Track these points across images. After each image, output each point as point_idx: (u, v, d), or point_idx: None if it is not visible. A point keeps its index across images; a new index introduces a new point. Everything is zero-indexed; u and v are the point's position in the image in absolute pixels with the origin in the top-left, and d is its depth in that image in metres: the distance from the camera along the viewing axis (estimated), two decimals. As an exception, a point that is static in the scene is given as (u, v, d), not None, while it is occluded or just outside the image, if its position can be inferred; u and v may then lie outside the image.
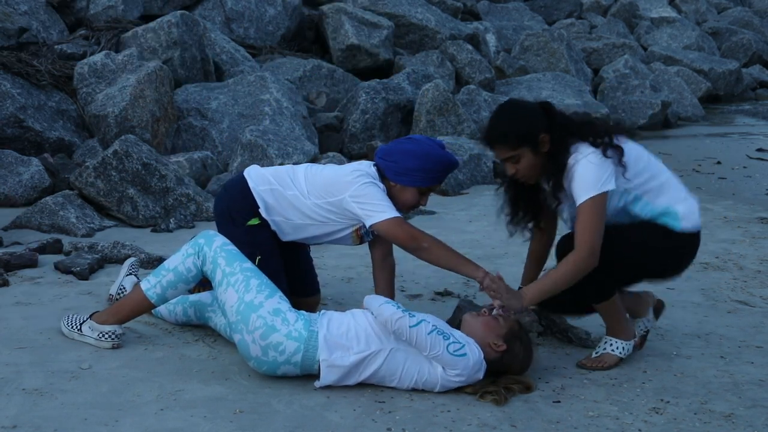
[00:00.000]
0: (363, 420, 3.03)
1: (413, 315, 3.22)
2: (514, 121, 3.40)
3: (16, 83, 7.07)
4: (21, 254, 4.61)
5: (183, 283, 3.46)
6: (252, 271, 3.39)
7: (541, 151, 3.39)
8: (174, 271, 3.44)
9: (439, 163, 3.62)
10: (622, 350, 3.62)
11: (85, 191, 5.79)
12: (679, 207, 3.50)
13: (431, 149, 3.62)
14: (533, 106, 3.49)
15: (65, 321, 3.60)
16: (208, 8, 9.71)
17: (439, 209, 6.70)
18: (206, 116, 7.60)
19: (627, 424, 3.14)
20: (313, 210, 3.67)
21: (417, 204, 3.70)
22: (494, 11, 14.53)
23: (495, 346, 3.33)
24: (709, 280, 5.03)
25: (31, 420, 2.91)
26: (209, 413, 3.02)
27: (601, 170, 3.32)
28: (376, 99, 8.53)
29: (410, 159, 3.59)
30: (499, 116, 3.46)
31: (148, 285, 3.47)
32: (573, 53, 12.61)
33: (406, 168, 3.59)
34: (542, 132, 3.37)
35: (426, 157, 3.59)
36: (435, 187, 3.70)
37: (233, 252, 3.43)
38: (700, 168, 9.03)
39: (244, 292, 3.30)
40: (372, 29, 10.12)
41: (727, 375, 3.63)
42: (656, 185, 3.50)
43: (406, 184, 3.62)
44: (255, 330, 3.23)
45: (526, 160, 3.40)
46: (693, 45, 15.84)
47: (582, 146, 3.37)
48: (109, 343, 3.51)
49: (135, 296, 3.52)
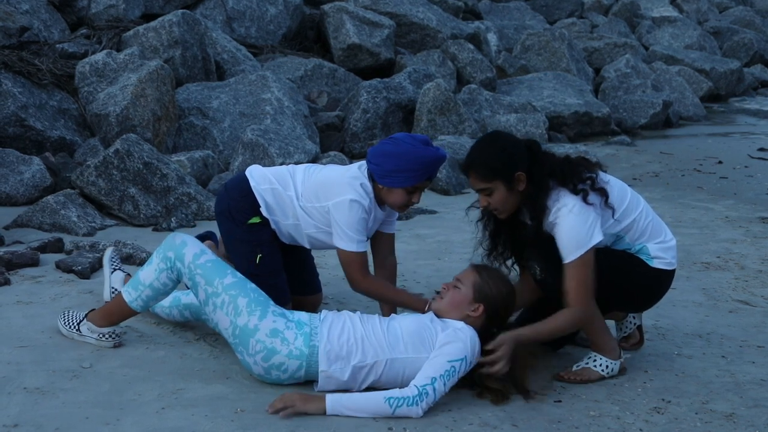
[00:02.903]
0: (364, 420, 3.03)
1: (420, 392, 3.08)
2: (492, 153, 3.33)
3: (18, 82, 7.06)
4: (22, 253, 4.61)
5: (163, 295, 3.42)
6: (235, 287, 3.27)
7: (515, 188, 3.33)
8: (150, 287, 3.38)
9: (420, 162, 3.53)
10: (606, 368, 3.51)
11: (86, 190, 5.79)
12: (653, 246, 3.47)
13: (412, 149, 3.53)
14: (517, 142, 3.41)
15: (62, 320, 3.58)
16: (209, 7, 9.71)
17: (440, 209, 6.70)
18: (207, 115, 7.60)
19: (628, 424, 3.14)
20: (303, 213, 3.66)
21: (407, 203, 3.64)
22: (495, 10, 14.53)
23: (474, 312, 3.30)
24: (711, 279, 5.03)
25: (33, 419, 2.91)
26: (210, 412, 3.02)
27: (585, 224, 3.26)
28: (377, 98, 8.53)
29: (391, 161, 3.53)
30: (479, 146, 3.41)
31: (131, 297, 3.41)
32: (574, 53, 12.60)
33: (389, 170, 3.53)
34: (519, 170, 3.31)
35: (406, 157, 3.52)
36: (424, 185, 3.62)
37: (208, 267, 3.30)
38: (702, 168, 9.02)
39: (235, 315, 3.23)
40: (373, 28, 10.12)
41: (728, 375, 3.63)
42: (637, 226, 3.45)
43: (391, 186, 3.57)
44: (256, 354, 3.21)
45: (499, 194, 3.33)
46: (694, 44, 15.84)
47: (563, 195, 3.29)
48: (110, 342, 3.51)
49: (121, 305, 3.46)
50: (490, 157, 3.32)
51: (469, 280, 3.34)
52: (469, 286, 3.32)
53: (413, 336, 3.21)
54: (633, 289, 3.53)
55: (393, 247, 3.89)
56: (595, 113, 10.65)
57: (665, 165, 9.09)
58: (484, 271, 3.38)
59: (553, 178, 3.33)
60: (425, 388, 3.08)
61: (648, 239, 3.48)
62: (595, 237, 3.27)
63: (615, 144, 10.14)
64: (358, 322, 3.28)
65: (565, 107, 10.54)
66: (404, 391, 3.08)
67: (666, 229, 3.58)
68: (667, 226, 3.61)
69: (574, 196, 3.29)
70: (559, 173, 3.34)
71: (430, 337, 3.21)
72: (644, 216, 3.48)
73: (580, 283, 3.27)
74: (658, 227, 3.52)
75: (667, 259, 3.50)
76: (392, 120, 8.60)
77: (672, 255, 3.53)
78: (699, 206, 7.17)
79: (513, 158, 3.32)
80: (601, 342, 3.51)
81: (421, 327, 3.24)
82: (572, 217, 3.26)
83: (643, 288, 3.54)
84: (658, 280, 3.53)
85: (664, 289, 3.61)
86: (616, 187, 3.45)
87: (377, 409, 3.04)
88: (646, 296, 3.61)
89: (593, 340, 3.54)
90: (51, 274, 4.48)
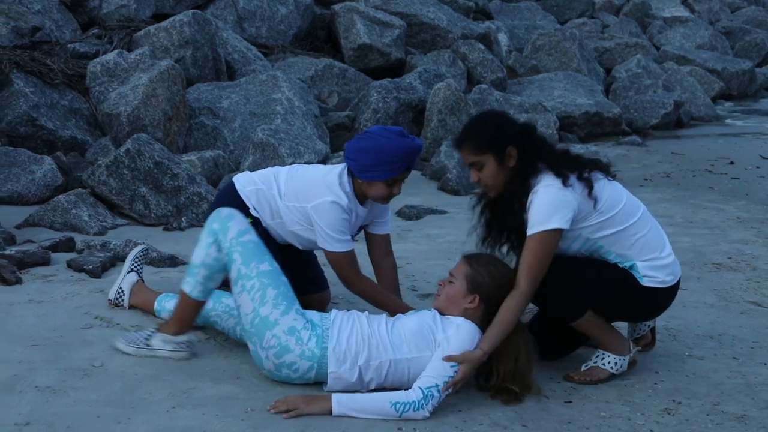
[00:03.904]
0: (374, 420, 3.03)
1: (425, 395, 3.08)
2: (485, 127, 3.35)
3: (30, 82, 7.09)
4: (34, 252, 4.62)
5: (218, 272, 3.33)
6: (269, 276, 3.28)
7: (506, 164, 3.31)
8: (204, 266, 3.32)
9: (395, 155, 3.53)
10: (614, 365, 3.49)
11: (97, 190, 5.80)
12: (642, 265, 3.38)
13: (388, 142, 3.54)
14: (512, 120, 3.42)
15: (125, 341, 3.48)
16: (220, 7, 9.73)
17: (450, 209, 6.70)
18: (218, 115, 7.61)
19: (639, 425, 3.13)
20: (286, 211, 3.69)
21: (388, 195, 3.64)
22: (506, 10, 14.51)
23: (471, 305, 3.29)
24: (722, 280, 5.01)
25: (44, 417, 2.92)
26: (221, 411, 3.03)
27: (555, 202, 3.21)
28: (387, 98, 8.53)
29: (368, 156, 3.55)
30: (474, 120, 3.44)
31: (189, 287, 3.35)
32: (585, 53, 12.57)
33: (367, 165, 3.55)
34: (511, 145, 3.30)
35: (382, 151, 3.53)
36: (403, 176, 3.62)
37: (249, 247, 3.29)
38: (713, 168, 8.99)
39: (260, 304, 3.23)
40: (384, 28, 10.12)
41: (739, 376, 3.62)
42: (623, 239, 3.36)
43: (371, 180, 3.58)
44: (269, 348, 3.21)
45: (489, 169, 3.32)
46: (706, 44, 15.78)
47: (546, 175, 3.27)
48: (185, 352, 3.43)
49: (185, 302, 3.40)
50: (484, 130, 3.34)
51: (461, 272, 3.33)
52: (461, 278, 3.32)
53: (416, 335, 3.22)
54: (627, 305, 3.45)
55: (389, 248, 3.89)
56: (606, 113, 10.63)
57: (676, 165, 9.06)
58: (474, 260, 3.37)
59: (543, 161, 3.31)
60: (430, 390, 3.08)
61: (638, 256, 3.37)
62: (562, 220, 3.21)
63: (626, 144, 10.11)
64: (365, 322, 3.29)
65: (576, 107, 10.52)
66: (409, 394, 3.08)
67: (665, 244, 3.46)
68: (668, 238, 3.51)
69: (556, 178, 3.26)
70: (549, 157, 3.32)
71: (432, 335, 3.21)
72: (636, 229, 3.37)
73: (533, 260, 3.22)
74: (652, 243, 3.41)
75: (659, 278, 3.39)
76: (402, 120, 8.60)
77: (667, 272, 3.41)
78: (710, 207, 7.14)
79: (505, 133, 3.32)
80: (606, 340, 3.50)
81: (422, 326, 3.25)
82: (546, 192, 3.23)
83: (639, 304, 3.46)
84: (653, 297, 3.43)
85: (662, 304, 3.53)
86: (612, 190, 3.37)
87: (383, 412, 3.05)
88: (641, 311, 3.54)
89: (598, 339, 3.52)
90: (62, 273, 4.49)
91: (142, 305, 3.87)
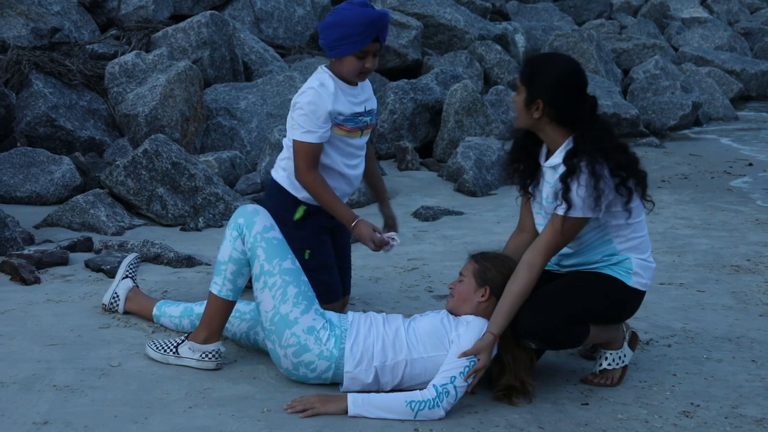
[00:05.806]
0: (390, 420, 3.03)
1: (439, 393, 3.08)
2: (546, 68, 3.29)
3: (49, 83, 7.14)
4: (52, 252, 4.65)
5: (246, 266, 3.31)
6: (291, 273, 3.28)
7: (531, 110, 3.26)
8: (231, 261, 3.30)
9: (359, 25, 3.55)
10: (619, 361, 3.48)
11: (115, 190, 5.83)
12: (636, 260, 3.38)
13: (350, 13, 3.58)
14: (573, 83, 3.28)
15: (152, 346, 3.45)
16: (237, 8, 9.75)
17: (467, 210, 6.68)
18: (235, 116, 7.63)
19: (656, 428, 3.11)
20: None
21: (361, 69, 3.66)
22: (523, 11, 14.47)
23: (482, 298, 3.31)
24: (740, 283, 4.98)
25: (62, 416, 2.94)
26: (237, 411, 3.04)
27: (596, 191, 3.18)
28: (404, 99, 8.52)
29: (334, 30, 3.60)
30: (552, 57, 3.47)
31: (218, 287, 3.32)
32: (603, 54, 12.52)
33: (333, 40, 3.60)
34: (541, 99, 3.24)
35: (343, 24, 3.57)
36: (373, 47, 3.62)
37: (273, 244, 3.29)
38: (732, 170, 8.94)
39: (281, 301, 3.23)
40: (400, 29, 10.12)
41: (758, 379, 3.59)
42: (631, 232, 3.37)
43: (341, 56, 3.63)
44: (288, 347, 3.22)
45: (519, 102, 3.31)
46: (725, 45, 15.67)
47: (595, 160, 3.20)
48: (213, 363, 3.37)
49: (213, 304, 3.36)
50: (541, 68, 3.29)
51: (469, 270, 3.37)
52: (470, 276, 3.35)
53: (430, 335, 3.24)
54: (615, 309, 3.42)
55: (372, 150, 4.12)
56: (624, 114, 10.58)
57: (694, 167, 9.01)
58: (480, 257, 3.41)
59: (576, 130, 3.27)
60: (445, 388, 3.09)
61: (635, 252, 3.38)
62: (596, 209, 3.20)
63: (644, 145, 10.06)
64: (381, 323, 3.30)
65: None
66: (424, 393, 3.08)
67: (650, 251, 3.48)
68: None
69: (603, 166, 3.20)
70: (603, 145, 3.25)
71: (446, 335, 3.23)
72: (641, 227, 3.41)
73: (556, 241, 3.24)
74: (646, 245, 3.44)
75: (644, 280, 3.40)
76: (419, 121, 8.59)
77: (649, 276, 3.43)
78: (729, 209, 7.10)
79: (547, 85, 3.25)
80: (601, 339, 3.47)
81: (436, 326, 3.26)
82: (590, 179, 3.17)
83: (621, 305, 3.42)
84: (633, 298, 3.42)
85: (635, 308, 3.50)
86: None
87: (399, 412, 3.05)
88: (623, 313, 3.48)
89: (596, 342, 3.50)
90: (80, 273, 4.52)
91: (139, 311, 3.84)
